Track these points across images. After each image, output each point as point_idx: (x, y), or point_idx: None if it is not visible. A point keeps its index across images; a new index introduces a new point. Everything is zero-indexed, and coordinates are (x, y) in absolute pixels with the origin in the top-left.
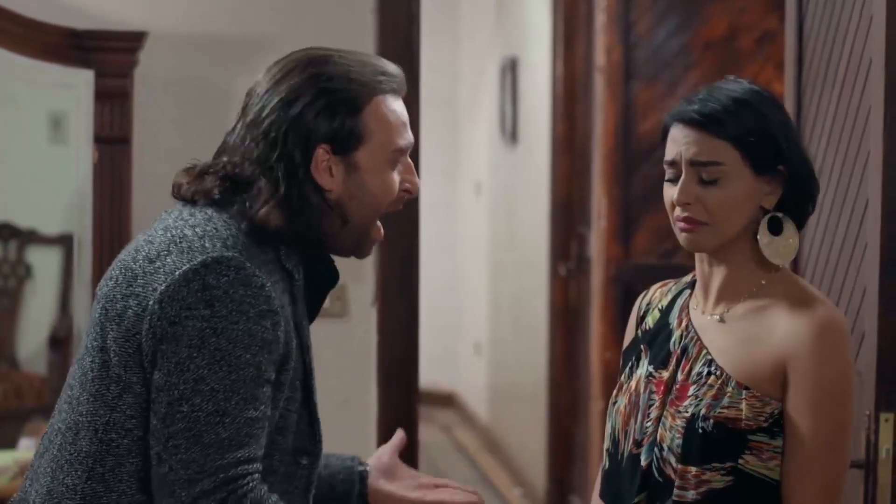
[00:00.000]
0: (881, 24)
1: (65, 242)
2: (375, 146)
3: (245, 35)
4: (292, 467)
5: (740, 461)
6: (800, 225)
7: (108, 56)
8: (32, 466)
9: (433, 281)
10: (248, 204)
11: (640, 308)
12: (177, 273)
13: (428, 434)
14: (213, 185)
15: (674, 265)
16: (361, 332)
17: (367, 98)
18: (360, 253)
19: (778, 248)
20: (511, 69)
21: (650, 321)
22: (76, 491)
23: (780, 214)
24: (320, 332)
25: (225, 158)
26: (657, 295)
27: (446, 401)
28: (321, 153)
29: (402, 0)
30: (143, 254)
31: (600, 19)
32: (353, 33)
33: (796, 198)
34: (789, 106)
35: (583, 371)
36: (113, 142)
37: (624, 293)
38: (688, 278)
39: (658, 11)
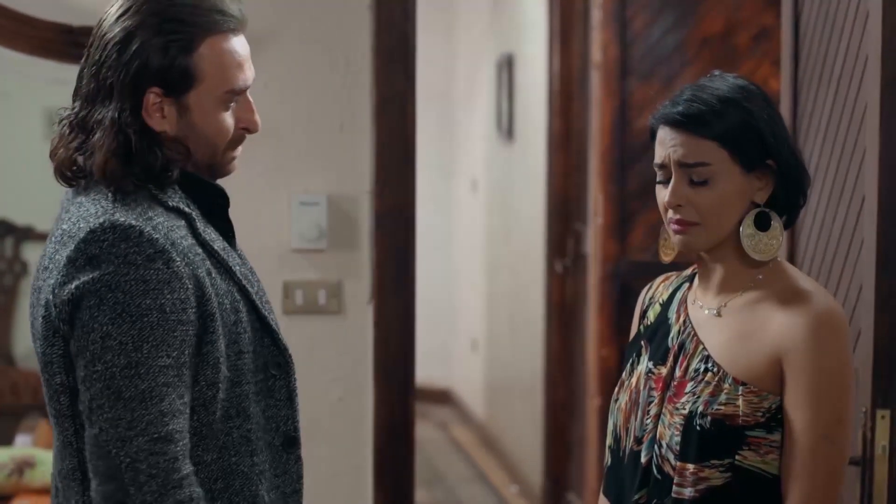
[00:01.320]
0: (877, 21)
1: None
2: (207, 88)
3: None
4: (268, 382)
5: (738, 457)
6: (791, 219)
7: None
8: None
9: (429, 278)
10: (90, 160)
11: (643, 302)
12: (62, 263)
13: (424, 431)
14: (74, 152)
15: (670, 262)
16: (357, 329)
17: (200, 39)
18: (217, 177)
19: (759, 243)
20: (507, 65)
21: (651, 315)
22: None
23: (768, 211)
24: (316, 329)
25: (77, 106)
26: (660, 289)
27: (442, 398)
28: (152, 97)
29: None
30: (41, 268)
31: (596, 16)
32: (349, 29)
33: (787, 191)
34: (786, 103)
35: (579, 368)
36: None
37: (620, 290)
38: (688, 272)
39: (654, 8)
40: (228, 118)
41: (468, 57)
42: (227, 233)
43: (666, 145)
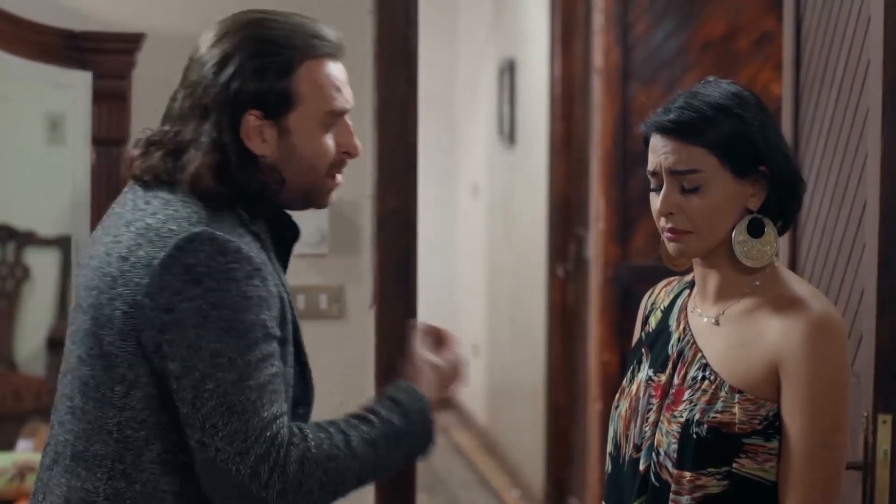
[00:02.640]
0: (879, 25)
1: (63, 244)
2: (307, 110)
3: None
4: (294, 419)
5: (735, 465)
6: (786, 225)
7: (105, 57)
8: (41, 480)
9: (431, 282)
10: (182, 174)
11: (645, 308)
12: (154, 263)
13: None
14: (159, 161)
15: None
16: (359, 334)
17: (298, 62)
18: (314, 206)
19: (751, 250)
20: (509, 70)
21: (653, 322)
22: (98, 493)
23: (761, 217)
24: (318, 334)
25: (167, 127)
26: (661, 295)
27: (444, 402)
28: (251, 119)
29: (400, 1)
30: (115, 255)
31: (598, 20)
32: (350, 34)
33: (780, 197)
34: (787, 107)
35: (581, 372)
36: (111, 143)
37: (622, 294)
38: (689, 277)
39: (656, 12)
40: (329, 140)
41: (470, 61)
42: (283, 265)
43: (657, 153)
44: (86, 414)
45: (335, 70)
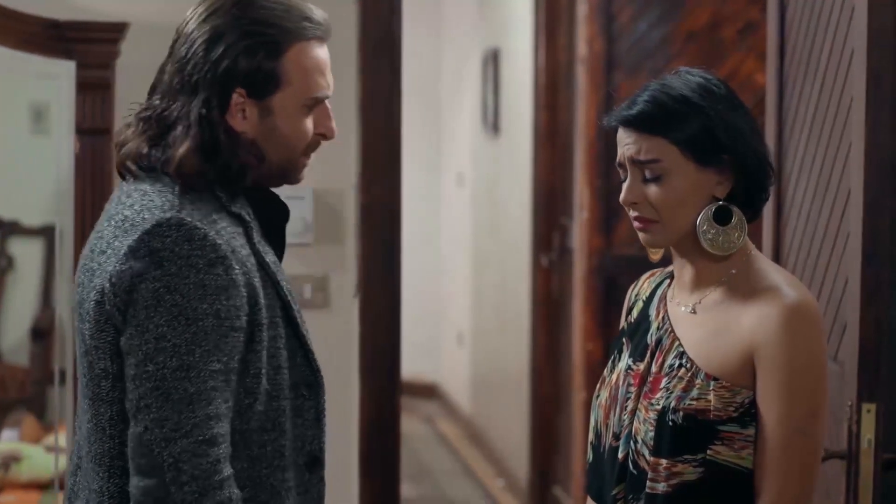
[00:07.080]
0: (863, 15)
1: (47, 234)
2: (292, 92)
3: None
4: (297, 401)
5: (710, 451)
6: (754, 214)
7: (89, 47)
8: (69, 486)
9: (415, 272)
10: (166, 153)
11: (629, 299)
12: (122, 251)
13: (410, 425)
14: (144, 145)
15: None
16: (343, 323)
17: (288, 44)
18: (288, 182)
19: (717, 237)
20: (493, 60)
21: (635, 313)
22: (103, 493)
23: (728, 204)
24: None
25: (157, 101)
26: (645, 286)
27: (429, 392)
28: (236, 97)
29: None
30: (97, 250)
31: (582, 10)
32: (334, 23)
33: (746, 186)
34: (771, 97)
35: (565, 362)
36: (95, 133)
37: (606, 284)
38: (669, 268)
39: (640, 2)
40: (309, 123)
41: (454, 51)
42: (278, 249)
43: (622, 144)
44: (85, 413)
45: (322, 54)
